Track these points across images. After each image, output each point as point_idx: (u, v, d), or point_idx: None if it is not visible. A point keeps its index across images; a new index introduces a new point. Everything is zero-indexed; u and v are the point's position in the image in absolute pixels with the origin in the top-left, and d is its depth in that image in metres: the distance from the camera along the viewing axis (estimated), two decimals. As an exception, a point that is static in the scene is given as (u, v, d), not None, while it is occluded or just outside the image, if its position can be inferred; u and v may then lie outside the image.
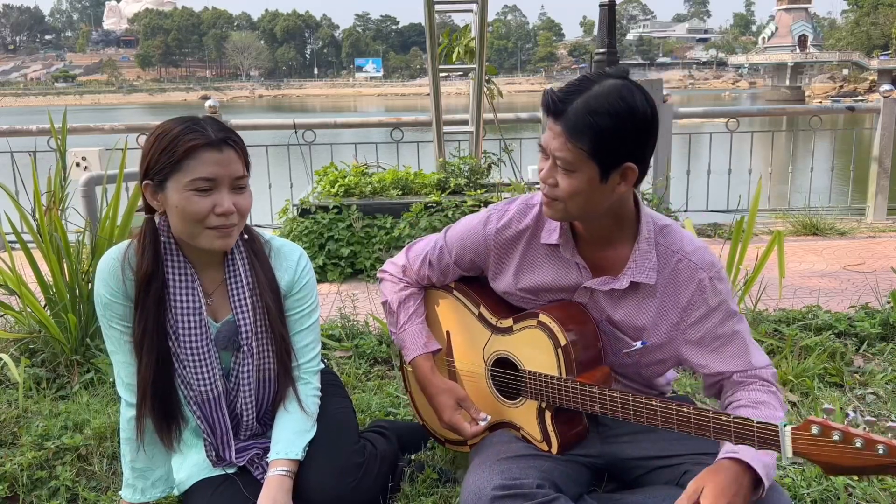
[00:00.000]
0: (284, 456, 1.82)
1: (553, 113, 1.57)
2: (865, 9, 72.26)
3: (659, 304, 1.71)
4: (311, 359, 1.95)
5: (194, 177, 1.65)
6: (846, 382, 2.79)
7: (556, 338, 1.72)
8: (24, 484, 2.17)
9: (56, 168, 3.26)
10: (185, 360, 1.79)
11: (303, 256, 1.93)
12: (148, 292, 1.75)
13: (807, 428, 1.37)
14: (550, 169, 1.61)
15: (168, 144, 1.65)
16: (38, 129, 6.24)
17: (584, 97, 1.54)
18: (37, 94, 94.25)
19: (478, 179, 5.40)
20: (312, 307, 1.94)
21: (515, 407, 1.85)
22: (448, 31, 6.07)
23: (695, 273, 1.69)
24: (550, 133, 1.59)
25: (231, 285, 1.82)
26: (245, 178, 1.73)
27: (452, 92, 48.41)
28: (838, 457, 1.34)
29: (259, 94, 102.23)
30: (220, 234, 1.70)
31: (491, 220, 1.85)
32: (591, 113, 1.52)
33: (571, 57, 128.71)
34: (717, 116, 7.62)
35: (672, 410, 1.54)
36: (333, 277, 4.79)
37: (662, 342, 1.74)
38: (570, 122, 1.54)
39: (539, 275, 1.80)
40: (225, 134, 1.68)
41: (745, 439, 1.45)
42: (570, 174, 1.58)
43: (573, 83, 1.59)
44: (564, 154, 1.56)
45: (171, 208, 1.69)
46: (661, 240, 1.72)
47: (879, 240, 5.73)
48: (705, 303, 1.69)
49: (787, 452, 1.40)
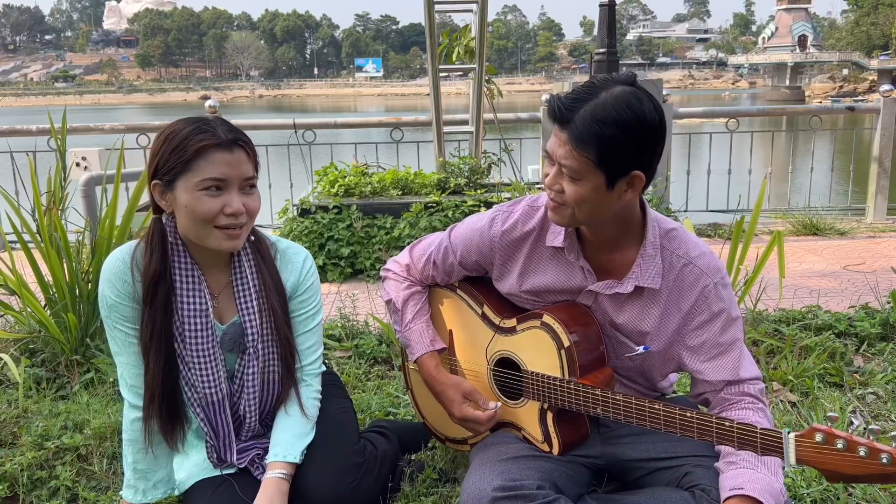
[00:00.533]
0: (283, 459, 1.81)
1: (559, 120, 1.55)
2: (865, 9, 72.29)
3: (663, 309, 1.71)
4: (314, 361, 1.95)
5: (204, 177, 1.64)
6: (846, 382, 2.79)
7: (560, 339, 1.71)
8: (24, 484, 2.17)
9: (56, 168, 3.26)
10: (191, 362, 1.79)
11: (308, 259, 1.93)
12: (156, 293, 1.74)
13: (811, 436, 1.37)
14: (556, 175, 1.60)
15: (178, 144, 1.65)
16: (38, 129, 6.23)
17: (591, 105, 1.52)
18: (37, 94, 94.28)
19: (478, 179, 5.40)
20: (316, 309, 1.94)
21: (517, 407, 1.85)
22: (448, 31, 6.07)
23: (700, 278, 1.68)
24: (556, 140, 1.57)
25: (237, 288, 1.82)
26: (254, 179, 1.73)
27: (452, 92, 48.44)
28: (842, 465, 1.34)
29: (259, 94, 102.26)
30: (228, 235, 1.70)
31: (496, 222, 1.84)
32: (597, 122, 1.51)
33: (571, 57, 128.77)
34: (717, 116, 7.62)
35: (675, 415, 1.54)
36: (333, 277, 4.79)
37: (664, 347, 1.73)
38: (577, 131, 1.52)
39: (543, 277, 1.80)
40: (235, 135, 1.69)
41: (749, 445, 1.45)
42: (576, 182, 1.57)
43: (579, 90, 1.57)
44: (570, 162, 1.55)
45: (179, 208, 1.69)
46: (667, 244, 1.71)
47: (879, 240, 5.73)
48: (708, 309, 1.68)
49: (791, 459, 1.40)
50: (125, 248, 1.81)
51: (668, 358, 1.75)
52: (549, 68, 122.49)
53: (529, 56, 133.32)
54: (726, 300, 1.69)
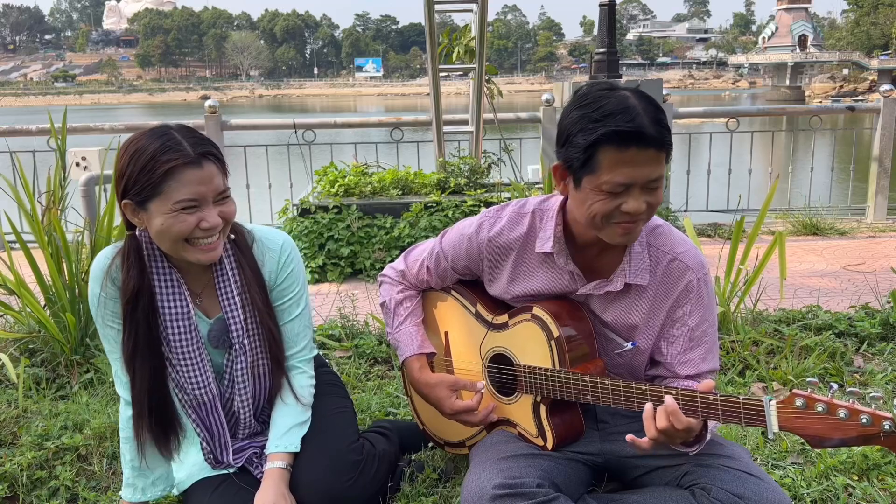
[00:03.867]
0: (284, 449, 1.83)
1: (638, 140, 1.50)
2: (865, 9, 72.30)
3: (651, 303, 1.74)
4: (304, 347, 1.94)
5: (178, 199, 1.62)
6: (846, 382, 2.79)
7: (550, 329, 1.73)
8: (23, 484, 2.17)
9: (55, 168, 3.26)
10: (178, 364, 1.79)
11: (287, 243, 1.90)
12: (136, 308, 1.74)
13: (791, 401, 1.39)
14: (640, 197, 1.55)
15: (146, 165, 1.61)
16: (38, 128, 6.24)
17: (640, 112, 1.51)
18: (37, 94, 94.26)
19: (478, 179, 5.40)
20: (300, 295, 1.93)
21: (511, 403, 1.86)
22: (448, 30, 6.07)
23: (685, 273, 1.73)
24: (635, 164, 1.52)
25: (219, 285, 1.82)
26: (227, 190, 1.71)
27: (452, 92, 48.43)
28: (823, 429, 1.37)
29: (259, 94, 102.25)
30: (203, 249, 1.69)
31: (483, 228, 1.85)
32: (658, 120, 1.53)
33: (571, 57, 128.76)
34: (717, 116, 7.62)
35: (661, 393, 1.58)
36: (333, 277, 4.79)
37: (651, 342, 1.78)
38: (656, 139, 1.52)
39: (533, 282, 1.82)
40: (203, 148, 1.65)
41: (732, 417, 1.48)
42: (660, 186, 1.59)
43: (613, 111, 1.51)
44: (660, 172, 1.56)
45: (153, 227, 1.67)
46: (653, 241, 1.74)
47: (879, 240, 5.74)
48: (690, 302, 1.73)
49: (774, 427, 1.41)
50: (113, 247, 1.81)
51: (656, 345, 1.80)
52: (549, 68, 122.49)
53: (529, 56, 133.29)
54: (706, 296, 1.75)
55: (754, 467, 1.66)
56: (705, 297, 1.75)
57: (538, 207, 1.81)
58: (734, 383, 2.80)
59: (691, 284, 1.72)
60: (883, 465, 2.13)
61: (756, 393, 2.75)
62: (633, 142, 1.50)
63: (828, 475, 2.09)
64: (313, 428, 1.91)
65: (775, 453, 2.25)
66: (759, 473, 1.64)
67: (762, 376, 2.84)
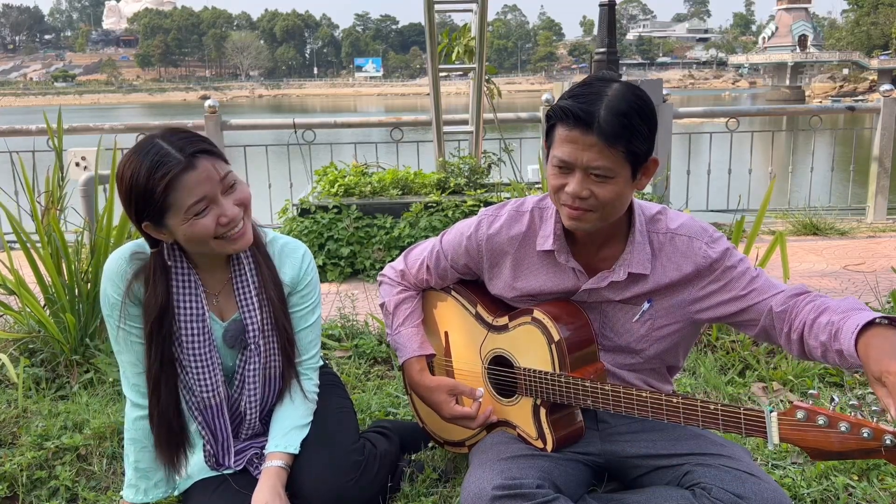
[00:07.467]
0: (284, 449, 1.83)
1: (584, 124, 1.55)
2: (865, 9, 72.28)
3: (659, 284, 1.73)
4: (313, 355, 1.97)
5: (188, 205, 1.63)
6: (846, 382, 2.79)
7: (550, 333, 1.73)
8: (23, 484, 2.17)
9: (53, 168, 3.26)
10: (189, 366, 1.79)
11: (307, 254, 1.94)
12: (161, 325, 1.75)
13: (792, 413, 1.38)
14: (582, 182, 1.59)
15: (144, 190, 1.61)
16: (38, 128, 6.22)
17: (605, 103, 1.54)
18: (36, 94, 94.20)
19: (478, 179, 5.40)
20: (316, 303, 1.96)
21: (511, 405, 1.86)
22: (448, 30, 6.07)
23: (692, 244, 1.71)
24: (577, 146, 1.57)
25: (237, 285, 1.83)
26: (231, 174, 1.70)
27: (452, 92, 48.39)
28: (824, 441, 1.36)
29: (259, 94, 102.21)
30: (236, 238, 1.71)
31: (481, 227, 1.85)
32: (621, 115, 1.53)
33: (571, 57, 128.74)
34: (717, 116, 7.62)
35: (661, 400, 1.57)
36: (333, 277, 4.79)
37: (670, 305, 1.74)
38: (604, 129, 1.53)
39: (534, 281, 1.81)
40: (192, 147, 1.64)
41: (733, 427, 1.47)
42: (609, 181, 1.58)
43: (581, 92, 1.58)
44: (602, 162, 1.56)
45: (180, 239, 1.70)
46: (651, 227, 1.75)
47: (879, 240, 5.73)
48: (717, 265, 1.69)
49: (774, 438, 1.41)
50: (127, 247, 1.81)
51: (677, 318, 1.75)
52: (548, 68, 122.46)
53: (529, 56, 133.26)
54: (721, 250, 1.70)
55: (754, 467, 1.66)
56: (721, 251, 1.69)
57: (537, 206, 1.81)
58: (734, 383, 2.79)
59: (705, 253, 1.69)
60: (883, 465, 2.13)
61: (756, 393, 2.75)
62: (579, 124, 1.55)
63: (828, 475, 2.09)
64: (316, 427, 1.91)
65: (775, 453, 2.25)
66: (760, 473, 1.64)
67: (762, 376, 2.84)
